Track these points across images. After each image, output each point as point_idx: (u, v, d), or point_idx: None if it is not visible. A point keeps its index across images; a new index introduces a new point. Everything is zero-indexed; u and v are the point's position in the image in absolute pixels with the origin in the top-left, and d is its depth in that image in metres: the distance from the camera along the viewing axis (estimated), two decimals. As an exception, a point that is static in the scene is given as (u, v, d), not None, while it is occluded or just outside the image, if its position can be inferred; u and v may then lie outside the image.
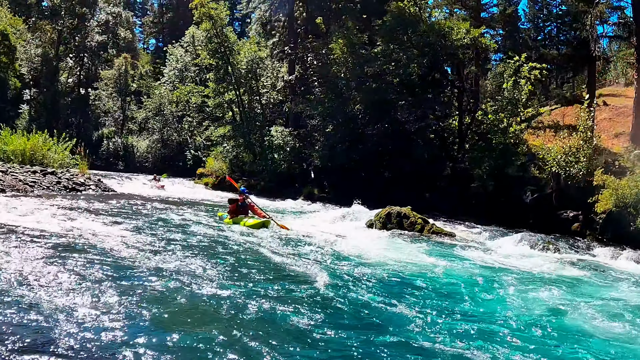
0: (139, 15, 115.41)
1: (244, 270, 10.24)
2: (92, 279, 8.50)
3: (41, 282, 8.08)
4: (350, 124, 36.84)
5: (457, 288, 10.39)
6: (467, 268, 12.71)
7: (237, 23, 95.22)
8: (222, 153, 45.47)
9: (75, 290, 7.78)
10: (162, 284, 8.56)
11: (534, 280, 11.93)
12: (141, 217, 16.78)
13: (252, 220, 17.92)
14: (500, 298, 9.87)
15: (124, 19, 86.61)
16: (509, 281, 11.36)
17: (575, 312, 9.15)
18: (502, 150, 30.50)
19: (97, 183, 26.98)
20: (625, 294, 11.23)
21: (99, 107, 76.18)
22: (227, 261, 10.95)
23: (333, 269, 11.01)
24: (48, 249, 10.31)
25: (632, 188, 20.27)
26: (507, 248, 17.05)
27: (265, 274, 10.16)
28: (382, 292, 9.42)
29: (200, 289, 8.47)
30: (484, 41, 33.98)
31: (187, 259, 10.52)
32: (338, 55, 37.94)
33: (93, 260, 9.76)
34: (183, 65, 64.19)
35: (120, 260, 10.01)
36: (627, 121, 35.51)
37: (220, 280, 9.17)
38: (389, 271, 11.40)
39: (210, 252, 11.78)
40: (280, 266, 11.07)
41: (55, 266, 9.02)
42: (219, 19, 42.76)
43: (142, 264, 9.79)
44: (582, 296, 10.56)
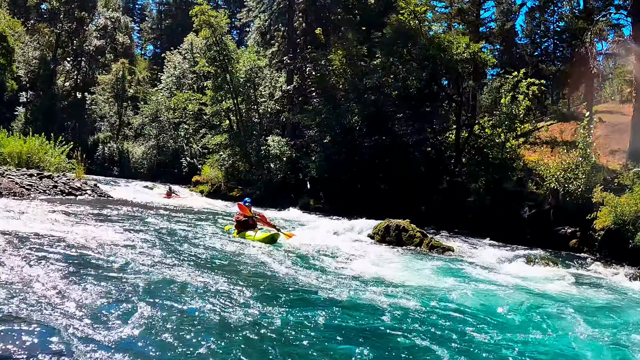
0: (138, 20, 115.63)
1: (242, 284, 10.17)
2: (89, 286, 8.45)
3: (36, 287, 8.03)
4: (348, 135, 36.80)
5: (457, 306, 10.31)
6: (468, 285, 12.62)
7: (235, 32, 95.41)
8: (218, 161, 45.37)
9: (70, 297, 7.74)
10: (162, 296, 8.51)
11: (535, 296, 11.91)
12: (139, 225, 16.67)
13: (260, 233, 17.02)
14: (502, 318, 9.81)
15: (122, 24, 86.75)
16: (511, 300, 11.29)
17: (585, 331, 9.12)
18: (498, 165, 30.56)
19: (93, 188, 26.91)
20: (628, 312, 11.23)
21: (95, 111, 76.03)
22: (230, 275, 10.88)
23: (333, 287, 10.92)
24: (44, 254, 10.26)
25: (632, 206, 20.30)
26: (506, 264, 16.98)
27: (263, 290, 10.09)
28: (383, 312, 9.36)
29: (201, 304, 8.41)
30: (483, 56, 34.06)
31: (191, 272, 10.45)
32: (337, 66, 38.04)
33: (91, 267, 9.73)
34: (181, 72, 64.26)
35: (120, 269, 9.96)
36: (622, 138, 35.62)
37: (222, 295, 9.13)
38: (391, 289, 11.33)
39: (214, 267, 11.63)
40: (279, 281, 11.00)
41: (51, 272, 8.99)
42: (219, 27, 42.81)
43: (143, 275, 9.72)
44: (588, 314, 10.52)
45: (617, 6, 31.75)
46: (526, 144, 33.12)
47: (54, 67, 72.89)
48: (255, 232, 17.24)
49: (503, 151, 30.88)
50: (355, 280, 11.86)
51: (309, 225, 23.53)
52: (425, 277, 13.57)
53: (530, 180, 29.11)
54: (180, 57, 65.82)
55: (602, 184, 23.39)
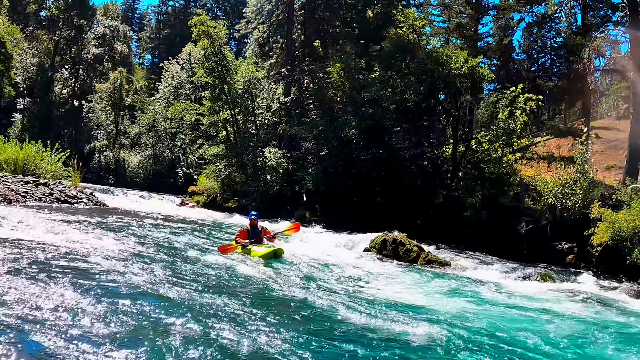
0: (136, 30, 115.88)
1: (232, 300, 10.15)
2: (83, 296, 8.40)
3: (28, 296, 7.99)
4: (345, 148, 36.77)
5: (454, 324, 10.26)
6: (465, 302, 12.60)
7: (234, 43, 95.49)
8: (215, 172, 45.30)
9: (63, 307, 7.70)
10: (156, 313, 8.46)
11: (533, 314, 11.88)
12: (134, 236, 16.55)
13: (263, 249, 16.52)
14: (501, 336, 9.75)
15: (121, 33, 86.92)
16: (509, 317, 11.34)
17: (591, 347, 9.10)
18: (495, 180, 30.56)
19: (89, 197, 26.89)
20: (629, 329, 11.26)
21: (92, 120, 75.93)
22: (227, 294, 10.87)
23: (333, 303, 10.86)
24: (38, 262, 10.25)
25: (629, 222, 20.31)
26: (503, 280, 16.96)
27: (256, 305, 10.07)
28: (378, 330, 9.33)
29: (195, 321, 8.36)
30: (482, 70, 34.10)
31: (187, 291, 10.32)
32: (335, 79, 38.07)
33: (86, 277, 9.69)
34: (178, 82, 64.26)
35: (113, 280, 9.91)
36: (618, 154, 35.77)
37: (215, 312, 9.09)
38: (387, 307, 11.26)
39: (209, 285, 11.47)
40: (275, 298, 10.99)
41: (45, 281, 8.96)
42: (218, 37, 42.82)
43: (136, 288, 9.67)
44: (586, 331, 10.57)
45: (615, 22, 31.89)
46: (523, 159, 33.11)
47: (52, 74, 72.95)
48: (260, 247, 16.79)
49: (500, 166, 30.90)
50: (353, 296, 11.81)
51: (305, 237, 23.42)
52: (423, 293, 13.52)
53: (527, 196, 29.09)
54: (178, 67, 65.85)
55: (600, 199, 23.43)
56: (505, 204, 28.96)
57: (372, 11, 44.84)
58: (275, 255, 16.28)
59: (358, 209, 33.48)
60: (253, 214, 18.28)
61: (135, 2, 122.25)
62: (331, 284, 13.24)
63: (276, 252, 16.39)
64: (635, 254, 19.71)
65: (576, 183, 24.51)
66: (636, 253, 19.71)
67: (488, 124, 33.83)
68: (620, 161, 35.57)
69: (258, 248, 16.67)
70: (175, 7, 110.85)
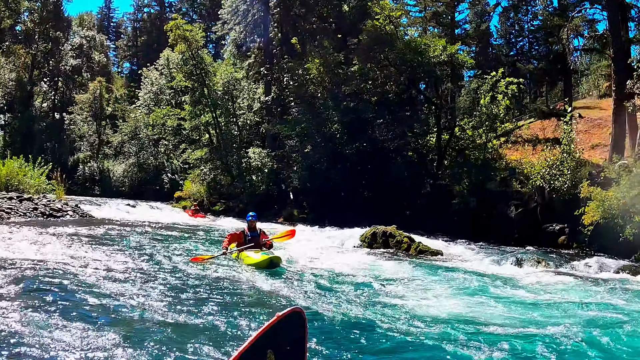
0: (113, 38, 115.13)
1: (222, 304, 9.96)
2: (72, 312, 8.18)
3: (17, 314, 7.77)
4: (329, 143, 36.67)
5: (449, 312, 10.12)
6: (458, 290, 12.45)
7: (211, 45, 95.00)
8: (200, 176, 45.14)
9: (53, 324, 7.48)
10: (144, 325, 8.25)
11: (529, 297, 11.82)
12: (121, 246, 16.19)
13: (258, 256, 14.66)
14: (501, 321, 9.62)
15: (98, 43, 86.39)
16: (506, 301, 11.25)
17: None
18: (480, 166, 30.55)
19: (74, 209, 26.59)
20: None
21: (73, 131, 75.37)
22: (222, 303, 10.65)
23: (327, 297, 10.72)
24: (25, 279, 9.97)
25: (619, 199, 20.35)
26: (495, 265, 16.97)
27: (248, 305, 9.89)
28: (378, 325, 9.16)
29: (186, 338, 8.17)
30: (461, 57, 34.09)
31: (177, 303, 10.10)
32: (314, 75, 37.91)
33: (73, 292, 9.44)
34: (158, 88, 63.88)
35: (102, 293, 9.66)
36: (602, 133, 35.78)
37: (205, 321, 8.90)
38: (384, 298, 11.14)
39: (200, 294, 11.30)
40: (269, 298, 10.79)
41: (33, 298, 8.72)
42: (195, 40, 42.60)
43: (126, 299, 9.45)
44: (586, 309, 10.58)
45: (592, 1, 31.89)
46: (508, 144, 33.12)
47: (31, 88, 72.29)
48: (256, 252, 14.94)
49: (485, 152, 30.88)
50: (347, 293, 11.63)
51: (295, 236, 23.21)
52: (417, 282, 13.44)
53: (515, 179, 29.08)
54: (157, 73, 65.48)
55: (588, 178, 23.41)
56: (493, 189, 28.93)
57: (348, 5, 44.69)
58: (271, 264, 14.31)
59: (346, 204, 33.37)
60: (251, 214, 16.53)
61: (110, 10, 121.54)
62: (325, 281, 13.04)
63: (272, 260, 14.39)
64: (628, 230, 19.72)
65: (563, 163, 24.50)
66: (628, 230, 19.71)
67: (470, 110, 33.77)
68: (605, 139, 35.60)
69: (253, 254, 14.87)
70: (150, 14, 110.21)
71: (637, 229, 19.52)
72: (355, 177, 34.97)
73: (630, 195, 20.07)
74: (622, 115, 27.86)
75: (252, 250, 15.14)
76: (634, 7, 31.17)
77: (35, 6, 73.29)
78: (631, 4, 31.02)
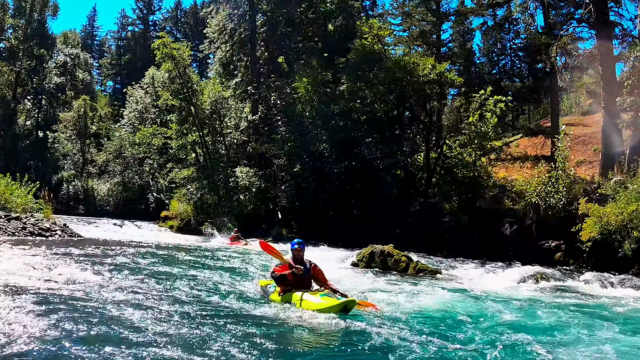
0: (96, 57, 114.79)
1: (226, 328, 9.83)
2: (67, 335, 8.03)
3: (9, 336, 7.64)
4: (317, 162, 36.65)
5: (457, 331, 10.07)
6: (466, 309, 12.37)
7: (195, 65, 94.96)
8: (186, 195, 44.84)
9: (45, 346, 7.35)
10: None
11: (535, 315, 11.74)
12: (115, 267, 15.86)
13: (321, 299, 10.91)
14: (510, 340, 9.59)
15: (82, 61, 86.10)
16: (515, 320, 11.24)
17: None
18: (469, 183, 30.68)
19: (63, 228, 26.29)
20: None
21: (57, 150, 74.78)
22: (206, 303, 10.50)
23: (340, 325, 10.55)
24: (18, 301, 9.80)
25: (617, 215, 20.50)
26: (497, 283, 16.99)
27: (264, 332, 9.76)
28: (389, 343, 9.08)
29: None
30: (449, 76, 34.27)
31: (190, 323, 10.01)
32: (302, 94, 37.92)
33: (69, 315, 9.26)
34: (143, 107, 63.71)
35: (101, 318, 9.53)
36: (587, 149, 36.03)
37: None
38: (393, 320, 11.00)
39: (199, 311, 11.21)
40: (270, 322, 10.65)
41: (28, 320, 8.56)
42: (182, 59, 42.50)
43: (128, 329, 9.31)
44: (589, 326, 10.52)
45: (579, 19, 32.26)
46: (497, 161, 33.33)
47: (15, 106, 71.82)
48: (313, 294, 11.31)
49: (474, 170, 31.00)
50: (358, 314, 11.51)
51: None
52: (422, 302, 13.30)
53: (506, 197, 29.21)
54: (142, 91, 65.30)
55: (583, 195, 23.59)
56: (485, 207, 29.03)
57: (333, 24, 44.88)
58: (345, 309, 10.51)
59: (335, 222, 33.33)
60: (298, 241, 12.51)
61: (94, 29, 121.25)
62: None
63: (347, 305, 10.51)
64: (627, 245, 19.92)
65: (558, 180, 24.66)
66: (627, 245, 19.92)
67: (456, 128, 33.97)
68: (589, 156, 35.86)
69: (313, 297, 11.14)
70: (134, 32, 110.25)
71: (635, 244, 19.73)
72: (344, 195, 34.95)
73: (628, 211, 20.24)
74: (612, 132, 28.14)
75: (304, 290, 11.60)
76: (618, 25, 31.61)
77: (20, 23, 72.93)
78: (615, 21, 31.48)
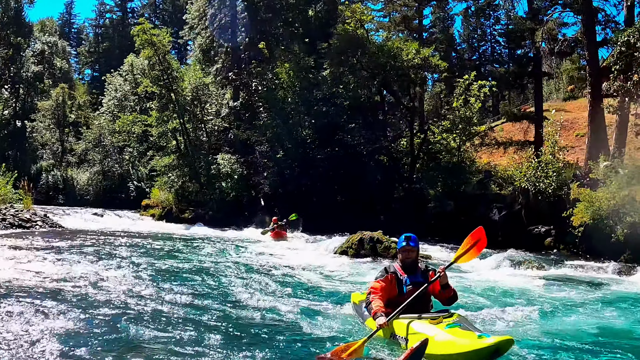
0: (74, 45, 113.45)
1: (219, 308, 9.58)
2: (53, 328, 7.73)
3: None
4: (300, 149, 36.39)
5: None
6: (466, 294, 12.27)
7: (174, 52, 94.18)
8: (167, 183, 44.33)
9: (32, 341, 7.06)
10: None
11: (526, 298, 11.87)
12: (101, 257, 15.49)
13: (451, 336, 6.82)
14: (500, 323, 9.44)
15: (59, 49, 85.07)
16: (506, 304, 11.21)
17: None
18: (453, 169, 30.60)
19: (44, 219, 25.89)
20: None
21: (36, 139, 73.94)
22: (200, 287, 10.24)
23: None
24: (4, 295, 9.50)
25: (609, 199, 20.49)
26: (488, 269, 16.99)
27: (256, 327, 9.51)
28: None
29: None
30: (434, 60, 34.08)
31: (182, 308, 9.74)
32: (284, 79, 37.54)
33: (55, 306, 8.96)
34: (122, 95, 63.05)
35: (85, 307, 9.23)
36: (569, 135, 36.14)
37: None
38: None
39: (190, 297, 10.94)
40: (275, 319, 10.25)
41: (10, 314, 8.28)
42: (162, 45, 41.88)
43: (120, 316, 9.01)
44: (584, 312, 10.60)
45: (564, 4, 32.15)
46: (482, 146, 33.27)
47: (-8, 95, 70.98)
48: (435, 324, 7.26)
49: (459, 155, 30.95)
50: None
51: (273, 245, 22.64)
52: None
53: (492, 182, 29.14)
54: (121, 79, 64.58)
55: (574, 180, 23.57)
56: (470, 192, 28.91)
57: (313, 10, 44.58)
58: (497, 353, 6.55)
59: (319, 209, 33.08)
60: (407, 236, 8.89)
61: (72, 16, 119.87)
62: (325, 295, 12.19)
63: (499, 347, 6.49)
64: (619, 231, 19.87)
65: (548, 165, 24.58)
66: (620, 230, 19.88)
67: (438, 114, 33.91)
68: (572, 141, 35.96)
69: (437, 331, 7.06)
70: (112, 20, 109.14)
71: (628, 229, 19.66)
72: (327, 182, 34.74)
73: (620, 195, 20.24)
74: (598, 117, 28.12)
75: (424, 318, 7.61)
76: (601, 10, 31.54)
77: (-5, 11, 71.94)
78: (598, 7, 31.42)
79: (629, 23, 26.28)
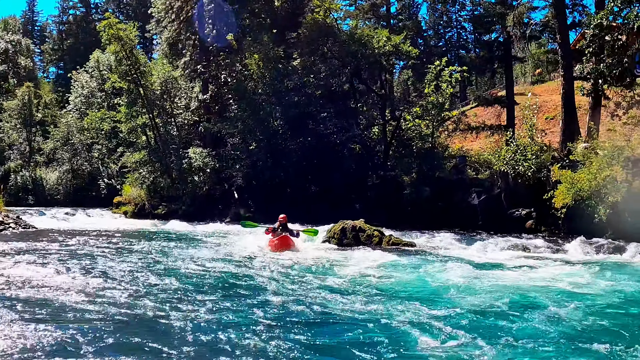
0: (38, 43, 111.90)
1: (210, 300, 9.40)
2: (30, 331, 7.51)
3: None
4: (272, 140, 36.19)
5: (441, 299, 9.86)
6: (451, 279, 12.28)
7: (139, 46, 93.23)
8: (139, 179, 43.91)
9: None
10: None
11: (526, 285, 11.74)
12: (76, 258, 15.15)
13: None
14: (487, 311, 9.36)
15: (23, 47, 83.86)
16: (497, 289, 11.16)
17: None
18: (426, 155, 30.65)
19: (16, 220, 25.39)
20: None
21: (3, 140, 72.96)
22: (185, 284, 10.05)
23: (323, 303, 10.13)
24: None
25: (591, 180, 20.62)
26: (473, 253, 17.00)
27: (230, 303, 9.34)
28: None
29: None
30: (405, 47, 34.02)
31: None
32: (254, 70, 37.24)
33: (31, 310, 8.74)
34: (89, 91, 62.30)
35: (63, 309, 8.99)
36: (539, 118, 36.28)
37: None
38: (379, 294, 10.73)
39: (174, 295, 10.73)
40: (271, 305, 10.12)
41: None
42: (129, 40, 41.38)
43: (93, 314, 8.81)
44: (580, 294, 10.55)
45: (535, -12, 32.33)
46: (455, 132, 33.36)
47: (-44, 97, 69.83)
48: None
49: (432, 141, 30.99)
50: (344, 291, 11.11)
51: (249, 238, 22.25)
52: (403, 274, 13.15)
53: (468, 167, 29.17)
54: (87, 75, 63.78)
55: (552, 162, 23.70)
56: (446, 177, 28.96)
57: (279, 0, 44.34)
58: None
59: (293, 200, 32.93)
60: None
61: (35, 14, 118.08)
62: (310, 284, 12.08)
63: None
64: (601, 210, 20.06)
65: (527, 148, 24.66)
66: (602, 210, 20.06)
67: (408, 100, 33.95)
68: (542, 124, 36.06)
69: None
70: (76, 16, 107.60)
71: (610, 209, 19.86)
72: (301, 172, 34.63)
73: (602, 176, 20.36)
74: (571, 99, 28.21)
75: None
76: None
77: (-44, 11, 70.76)
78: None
79: (600, 6, 26.35)
